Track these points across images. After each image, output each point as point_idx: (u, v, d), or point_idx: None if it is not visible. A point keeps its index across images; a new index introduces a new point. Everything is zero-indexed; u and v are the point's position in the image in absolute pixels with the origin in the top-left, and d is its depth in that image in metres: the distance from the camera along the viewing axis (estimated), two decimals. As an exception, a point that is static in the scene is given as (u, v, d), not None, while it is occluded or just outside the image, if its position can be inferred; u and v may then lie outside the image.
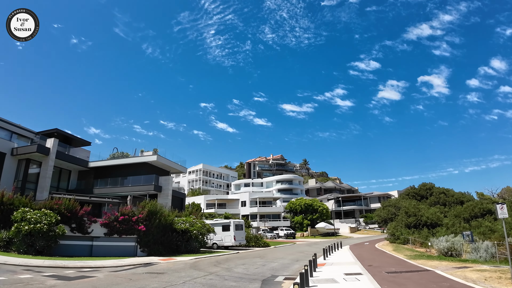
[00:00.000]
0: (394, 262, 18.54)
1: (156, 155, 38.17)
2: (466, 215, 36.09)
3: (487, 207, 36.92)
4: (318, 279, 12.42)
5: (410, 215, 38.89)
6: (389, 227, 41.97)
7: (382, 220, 49.70)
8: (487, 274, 12.33)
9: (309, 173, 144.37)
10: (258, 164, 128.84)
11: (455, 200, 44.18)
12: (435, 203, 44.43)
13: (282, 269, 17.10)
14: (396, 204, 48.22)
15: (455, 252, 21.57)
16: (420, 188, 50.14)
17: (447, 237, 24.24)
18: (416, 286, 10.68)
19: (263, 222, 69.62)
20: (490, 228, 29.77)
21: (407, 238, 34.11)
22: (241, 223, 34.53)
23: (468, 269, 14.05)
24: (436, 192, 47.42)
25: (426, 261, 18.41)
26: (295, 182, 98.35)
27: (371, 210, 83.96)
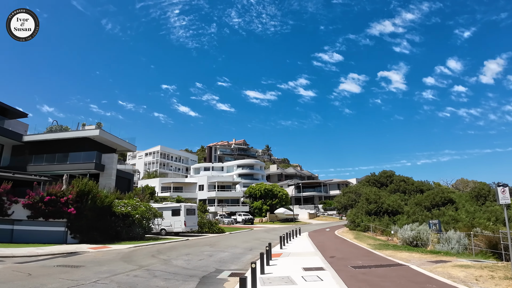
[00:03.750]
0: (359, 253, 16.36)
1: (99, 129, 33.87)
2: (427, 204, 35.31)
3: (449, 196, 36.38)
4: (270, 278, 9.70)
5: (371, 202, 37.65)
6: (349, 214, 40.66)
7: (342, 207, 48.51)
8: (474, 272, 10.20)
9: (271, 159, 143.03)
10: (220, 148, 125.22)
11: (415, 189, 43.60)
12: (395, 191, 43.66)
13: (231, 261, 14.39)
14: (357, 190, 47.11)
15: (421, 242, 19.91)
16: (380, 175, 49.34)
17: (411, 226, 22.66)
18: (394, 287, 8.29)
19: (221, 207, 66.81)
20: (454, 217, 28.86)
21: (368, 226, 32.70)
22: (193, 208, 31.41)
23: (448, 264, 11.96)
24: (397, 180, 46.74)
25: (394, 252, 16.39)
26: (257, 167, 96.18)
27: (330, 196, 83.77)
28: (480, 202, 38.10)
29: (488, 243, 15.49)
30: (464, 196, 41.93)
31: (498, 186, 9.04)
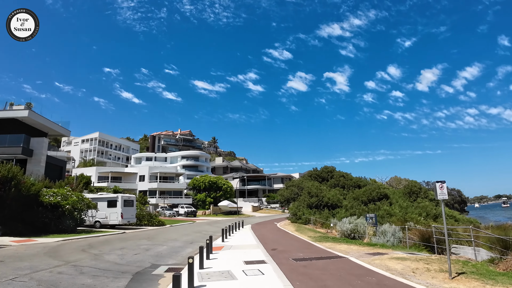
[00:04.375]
0: (300, 246, 16.38)
1: (28, 110, 30.61)
2: (364, 198, 36.90)
3: (384, 192, 38.32)
4: (209, 273, 9.14)
5: (313, 195, 38.57)
6: (292, 207, 41.32)
7: (285, 200, 49.30)
8: (411, 264, 10.49)
9: (217, 151, 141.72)
10: (164, 138, 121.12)
11: (354, 184, 45.47)
12: (335, 186, 45.17)
13: (169, 255, 13.59)
14: (300, 184, 48.08)
15: (358, 234, 20.58)
16: (322, 170, 50.79)
17: (350, 219, 23.36)
18: (336, 282, 8.15)
19: (162, 199, 64.62)
20: (388, 212, 30.40)
21: (309, 218, 33.39)
22: (131, 199, 29.70)
23: (385, 256, 12.26)
24: (337, 175, 48.41)
25: (333, 244, 16.64)
26: (202, 159, 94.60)
27: (274, 190, 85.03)
28: (412, 199, 40.75)
29: (421, 237, 16.28)
30: (397, 192, 44.55)
31: (437, 183, 9.29)
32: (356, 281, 8.18)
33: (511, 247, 12.15)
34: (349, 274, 9.04)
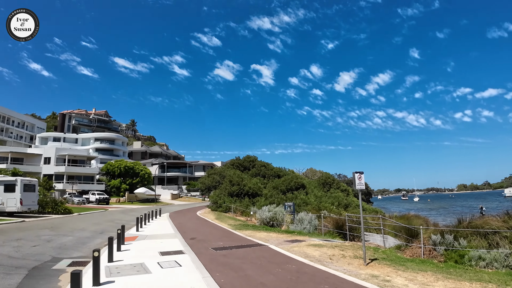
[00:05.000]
0: (220, 234, 16.03)
1: None
2: (283, 188, 38.04)
3: (301, 182, 39.93)
4: (120, 266, 8.24)
5: (234, 184, 38.59)
6: (212, 195, 40.90)
7: (206, 188, 48.65)
8: (327, 251, 10.75)
9: (135, 135, 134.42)
10: (76, 118, 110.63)
11: (274, 174, 46.65)
12: (256, 175, 45.85)
13: (75, 247, 12.19)
14: (222, 172, 47.79)
15: (277, 222, 20.97)
16: (244, 159, 51.17)
17: (269, 207, 23.71)
18: (256, 270, 7.91)
19: (71, 184, 59.06)
20: (305, 200, 31.69)
21: (229, 207, 33.33)
22: (32, 183, 26.34)
23: (303, 243, 12.47)
24: (258, 164, 49.18)
25: (253, 232, 16.60)
26: (118, 143, 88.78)
27: (195, 178, 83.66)
28: (326, 189, 43.23)
29: (335, 224, 17.09)
30: (313, 183, 46.90)
31: (356, 173, 9.56)
32: (277, 269, 8.03)
33: (416, 235, 13.26)
34: (270, 262, 8.88)
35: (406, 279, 7.35)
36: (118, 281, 6.85)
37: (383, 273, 7.87)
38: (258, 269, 8.05)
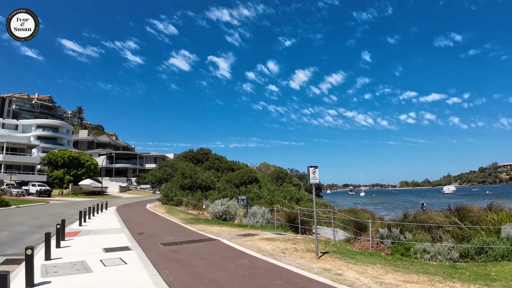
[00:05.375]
0: (170, 228, 15.45)
1: None
2: (236, 181, 37.83)
3: (255, 176, 39.95)
4: (58, 264, 7.51)
5: (187, 176, 37.74)
6: (164, 188, 39.71)
7: (157, 180, 47.15)
8: (280, 245, 10.66)
9: (82, 123, 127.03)
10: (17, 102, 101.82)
11: (228, 167, 46.32)
12: (210, 168, 45.25)
13: (10, 243, 11.11)
14: (174, 165, 46.58)
15: (230, 216, 20.73)
16: (198, 152, 50.29)
17: (222, 201, 23.41)
18: (208, 266, 7.58)
19: (9, 174, 54.48)
20: (258, 194, 31.72)
21: (181, 200, 32.51)
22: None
23: (256, 237, 12.31)
24: (212, 158, 48.59)
25: (205, 226, 16.21)
26: (62, 131, 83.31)
27: (145, 170, 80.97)
28: (279, 183, 43.72)
29: (287, 218, 17.16)
30: (266, 177, 47.21)
31: (310, 167, 9.52)
32: (229, 265, 7.75)
33: (364, 228, 13.64)
34: (222, 258, 8.58)
35: (357, 272, 7.40)
36: (54, 281, 6.19)
37: (334, 267, 7.89)
38: (210, 265, 7.72)
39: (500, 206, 14.29)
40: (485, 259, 10.00)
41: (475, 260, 10.17)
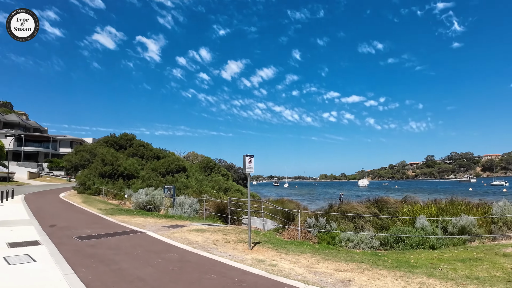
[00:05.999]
0: (88, 220, 14.08)
1: None
2: (162, 170, 36.37)
3: (182, 165, 38.83)
4: None
5: (107, 163, 35.18)
6: (80, 175, 36.55)
7: (73, 167, 43.24)
8: (210, 236, 10.23)
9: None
10: None
11: (153, 155, 44.33)
12: (134, 155, 42.83)
13: None
14: (93, 150, 43.13)
15: (155, 206, 19.75)
16: (121, 137, 47.26)
17: (147, 190, 22.21)
18: (132, 262, 6.89)
19: None
20: (185, 184, 30.86)
21: (100, 189, 30.21)
22: None
23: (184, 229, 11.71)
24: (137, 144, 46.06)
25: (128, 217, 15.11)
26: (-43, 108, 72.36)
27: (60, 155, 74.15)
28: (207, 173, 43.09)
29: (217, 208, 16.79)
30: (194, 166, 46.23)
31: (246, 156, 9.23)
32: (157, 260, 7.14)
33: (292, 218, 13.86)
34: (148, 252, 7.91)
35: (291, 262, 7.34)
36: None
37: (268, 257, 7.74)
38: (135, 261, 7.02)
39: (414, 199, 15.60)
40: (403, 247, 10.76)
41: (394, 248, 10.89)
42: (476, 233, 11.24)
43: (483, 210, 12.78)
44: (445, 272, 7.12)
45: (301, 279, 6.02)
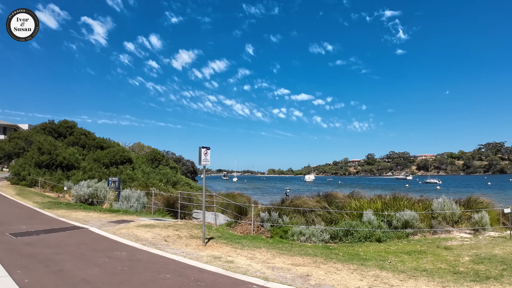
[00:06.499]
0: (23, 214, 12.83)
1: None
2: (106, 161, 34.49)
3: (128, 156, 37.14)
4: None
5: (44, 152, 32.54)
6: (14, 164, 33.50)
7: (6, 155, 39.59)
8: (161, 232, 9.73)
9: None
10: None
11: (96, 144, 41.88)
12: (74, 144, 40.12)
13: None
14: (28, 137, 39.79)
15: (98, 199, 18.60)
16: (60, 124, 44.09)
17: (89, 182, 20.87)
18: (75, 262, 6.29)
19: None
20: (131, 176, 29.56)
21: (36, 180, 27.89)
22: None
23: (132, 224, 11.05)
24: (78, 132, 43.23)
25: (68, 212, 14.00)
26: None
27: (-12, 143, 67.54)
28: (154, 165, 41.64)
29: (166, 202, 16.19)
30: (141, 158, 44.46)
31: (202, 148, 8.87)
32: (103, 259, 6.59)
33: (245, 212, 13.73)
34: (93, 250, 7.31)
35: (247, 258, 7.18)
36: None
37: (223, 253, 7.51)
38: (78, 261, 6.42)
39: (360, 194, 16.21)
40: (351, 240, 11.10)
41: (343, 241, 11.20)
42: (418, 227, 11.92)
43: (424, 205, 13.59)
44: (394, 265, 7.39)
45: (260, 275, 5.88)
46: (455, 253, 8.60)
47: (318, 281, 5.74)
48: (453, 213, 12.64)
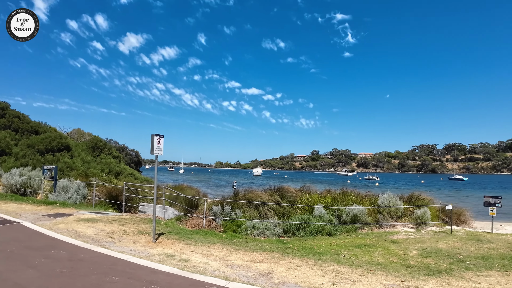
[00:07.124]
0: None
1: None
2: (41, 147, 31.71)
3: (66, 143, 34.50)
4: None
5: (-32, 137, 29.23)
6: None
7: None
8: (104, 227, 8.89)
9: None
10: None
11: (31, 129, 38.37)
12: (6, 127, 36.36)
13: None
14: None
15: (31, 189, 16.95)
16: (-12, 106, 39.85)
17: (22, 170, 18.96)
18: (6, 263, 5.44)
19: None
20: (69, 165, 27.48)
21: (-43, 167, 24.86)
22: None
23: (71, 218, 10.02)
24: (10, 114, 39.19)
25: None
26: None
27: None
28: (96, 154, 39.10)
29: (108, 195, 15.08)
30: (80, 145, 41.54)
31: (155, 136, 8.21)
32: (40, 259, 5.79)
33: (196, 206, 13.21)
34: (27, 249, 6.43)
35: (203, 256, 6.76)
36: None
37: (177, 251, 7.01)
38: (10, 261, 5.56)
39: (310, 188, 16.40)
40: (304, 233, 11.11)
41: (296, 235, 11.17)
42: (365, 221, 12.27)
43: (370, 200, 14.06)
44: (348, 259, 7.41)
45: (220, 275, 5.50)
46: (403, 247, 8.90)
47: (281, 278, 5.51)
48: (397, 209, 13.19)
